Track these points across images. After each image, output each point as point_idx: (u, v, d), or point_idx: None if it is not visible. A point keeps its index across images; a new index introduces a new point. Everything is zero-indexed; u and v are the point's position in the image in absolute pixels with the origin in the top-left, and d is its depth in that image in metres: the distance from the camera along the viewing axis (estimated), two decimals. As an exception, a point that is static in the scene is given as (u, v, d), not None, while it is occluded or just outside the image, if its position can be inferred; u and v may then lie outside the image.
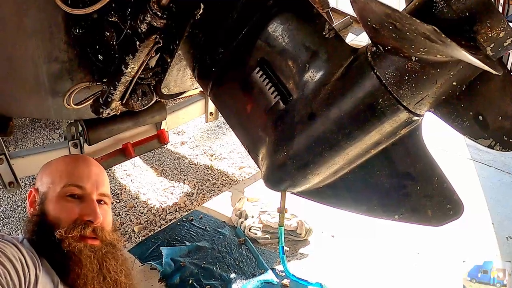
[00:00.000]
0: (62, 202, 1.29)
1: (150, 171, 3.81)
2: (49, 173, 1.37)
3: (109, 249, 1.31)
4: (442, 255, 2.28)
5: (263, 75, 1.22)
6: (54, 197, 1.30)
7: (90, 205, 1.30)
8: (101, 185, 1.38)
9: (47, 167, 1.41)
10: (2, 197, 3.53)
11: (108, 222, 1.38)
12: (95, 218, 1.28)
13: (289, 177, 1.26)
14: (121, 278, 1.30)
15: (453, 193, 1.16)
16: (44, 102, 1.67)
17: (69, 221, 1.25)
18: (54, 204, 1.29)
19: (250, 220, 2.67)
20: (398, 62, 0.93)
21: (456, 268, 2.13)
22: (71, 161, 1.42)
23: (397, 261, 2.33)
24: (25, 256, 1.09)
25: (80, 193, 1.31)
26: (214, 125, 4.47)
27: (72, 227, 1.24)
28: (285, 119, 1.19)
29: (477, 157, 3.36)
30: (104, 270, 1.26)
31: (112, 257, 1.30)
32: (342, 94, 1.04)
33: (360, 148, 1.09)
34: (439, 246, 2.40)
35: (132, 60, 1.38)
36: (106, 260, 1.28)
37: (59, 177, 1.33)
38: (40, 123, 4.49)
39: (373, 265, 2.30)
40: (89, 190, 1.33)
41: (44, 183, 1.34)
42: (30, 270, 1.08)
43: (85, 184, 1.33)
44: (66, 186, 1.30)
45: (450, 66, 0.90)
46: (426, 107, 1.00)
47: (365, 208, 1.26)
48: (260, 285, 2.22)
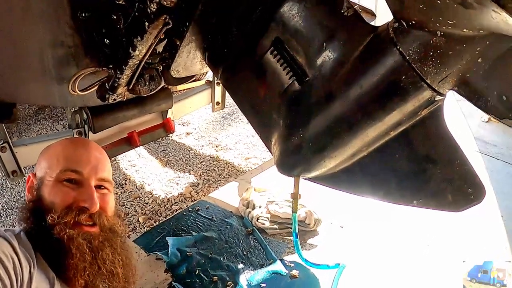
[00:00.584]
0: (58, 186, 1.22)
1: (155, 161, 3.78)
2: (46, 157, 1.30)
3: (108, 236, 1.25)
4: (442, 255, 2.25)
5: (278, 56, 1.19)
6: (50, 181, 1.23)
7: (87, 191, 1.23)
8: (100, 170, 1.30)
9: (45, 151, 1.35)
10: (5, 187, 3.52)
11: (110, 207, 1.32)
12: (91, 205, 1.22)
13: (304, 161, 1.23)
14: (117, 270, 1.24)
15: (475, 177, 1.12)
16: (49, 88, 1.64)
17: (63, 206, 1.19)
18: (50, 189, 1.22)
19: (257, 210, 2.64)
20: (423, 38, 0.89)
21: (456, 268, 2.10)
22: (69, 145, 1.35)
23: (406, 252, 2.30)
24: (19, 253, 1.03)
25: (77, 178, 1.24)
26: (219, 116, 4.44)
27: (65, 212, 1.18)
28: (301, 100, 1.15)
29: (485, 150, 3.33)
30: (99, 260, 1.19)
31: (109, 246, 1.24)
32: (363, 72, 1.00)
33: (380, 129, 1.05)
34: (448, 237, 2.37)
35: (140, 42, 1.34)
36: (102, 249, 1.21)
37: (56, 161, 1.26)
38: (44, 114, 4.47)
39: (381, 257, 2.27)
40: (87, 175, 1.26)
41: (42, 167, 1.28)
42: (23, 268, 1.02)
43: (82, 169, 1.26)
44: (63, 171, 1.24)
45: (476, 41, 0.86)
46: (449, 86, 0.96)
47: (382, 193, 1.23)
48: (268, 276, 2.20)
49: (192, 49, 1.46)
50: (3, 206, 3.31)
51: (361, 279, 2.11)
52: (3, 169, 2.01)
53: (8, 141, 1.96)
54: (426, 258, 2.24)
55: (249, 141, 3.98)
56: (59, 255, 1.14)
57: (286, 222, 2.53)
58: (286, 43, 1.19)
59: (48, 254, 1.15)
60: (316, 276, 2.15)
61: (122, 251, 1.29)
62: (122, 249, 1.30)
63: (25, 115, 4.42)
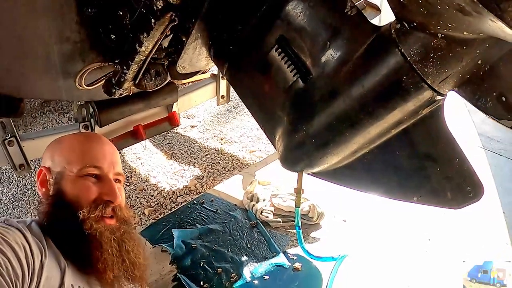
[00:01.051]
0: (81, 181, 1.26)
1: (160, 154, 3.81)
2: (62, 152, 1.33)
3: (126, 228, 1.30)
4: (443, 252, 2.26)
5: (282, 53, 1.20)
6: (71, 177, 1.27)
7: (109, 185, 1.29)
8: (116, 164, 1.36)
9: (57, 145, 1.37)
10: (12, 180, 3.55)
11: (123, 200, 1.37)
12: (115, 198, 1.27)
13: (307, 157, 1.25)
14: (139, 260, 1.30)
15: (474, 175, 1.14)
16: (55, 83, 1.66)
17: (89, 201, 1.23)
18: (73, 184, 1.26)
19: (261, 203, 2.66)
20: (424, 39, 0.91)
21: (456, 268, 2.11)
22: (85, 140, 1.39)
23: (408, 247, 2.32)
24: (30, 242, 1.06)
25: (98, 173, 1.29)
26: (224, 109, 4.45)
27: (94, 207, 1.22)
28: (305, 98, 1.17)
29: (488, 146, 3.32)
30: (124, 252, 1.25)
31: (130, 238, 1.29)
32: (365, 71, 1.01)
33: (381, 127, 1.07)
34: (450, 231, 2.38)
35: (146, 38, 1.35)
36: (125, 241, 1.27)
37: (76, 157, 1.30)
38: (50, 107, 4.49)
39: (383, 251, 2.29)
40: (107, 170, 1.31)
41: (58, 162, 1.31)
42: (35, 256, 1.04)
43: (102, 164, 1.31)
44: (85, 167, 1.27)
45: (476, 44, 0.87)
46: (449, 86, 0.98)
47: (383, 189, 1.25)
48: (271, 268, 2.22)
49: (198, 45, 1.48)
50: (10, 199, 3.35)
51: (361, 273, 2.13)
52: (10, 163, 2.03)
53: (16, 135, 1.98)
54: (427, 254, 2.26)
55: (254, 134, 3.99)
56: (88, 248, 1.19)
57: (290, 216, 2.56)
58: (291, 41, 1.20)
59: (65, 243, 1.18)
60: (319, 269, 2.18)
61: (139, 241, 1.36)
62: (138, 240, 1.37)
63: (31, 108, 4.44)
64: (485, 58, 0.90)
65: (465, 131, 3.46)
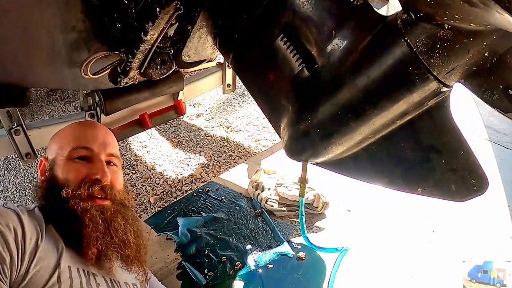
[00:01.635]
0: (69, 164, 1.28)
1: (166, 142, 3.81)
2: (56, 140, 1.37)
3: (119, 208, 1.31)
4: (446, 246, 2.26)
5: (287, 42, 1.20)
6: (62, 160, 1.29)
7: (98, 165, 1.30)
8: (108, 145, 1.37)
9: (55, 135, 1.41)
10: (19, 169, 3.58)
11: (119, 182, 1.38)
12: (102, 176, 1.27)
13: (311, 147, 1.25)
14: (129, 237, 1.29)
15: (479, 168, 1.13)
16: (61, 72, 1.66)
17: (77, 181, 1.25)
18: (62, 167, 1.28)
19: (266, 192, 2.66)
20: (430, 30, 0.90)
21: (456, 268, 2.11)
22: (77, 126, 1.41)
23: (412, 238, 2.32)
24: (24, 225, 1.07)
25: (88, 154, 1.31)
26: (230, 98, 4.44)
27: (78, 186, 1.23)
28: (310, 87, 1.17)
29: (495, 139, 3.29)
30: (112, 230, 1.25)
31: (121, 217, 1.29)
32: (370, 62, 1.01)
33: (386, 117, 1.07)
34: (454, 225, 2.38)
35: (152, 27, 1.35)
36: (114, 220, 1.26)
37: (67, 142, 1.32)
38: (56, 96, 4.50)
39: (387, 241, 2.30)
40: (97, 150, 1.32)
41: (53, 150, 1.35)
42: (27, 239, 1.05)
43: (92, 145, 1.32)
44: (74, 149, 1.30)
45: (483, 36, 0.86)
46: (456, 78, 0.97)
47: (387, 180, 1.24)
48: (275, 257, 2.23)
49: (203, 34, 1.48)
50: (17, 187, 3.37)
51: (365, 263, 2.14)
52: (17, 152, 2.05)
53: (22, 124, 1.99)
54: (431, 245, 2.26)
55: (260, 123, 3.99)
56: (73, 226, 1.19)
57: (294, 205, 2.56)
58: (296, 30, 1.20)
59: (60, 224, 1.20)
60: (323, 259, 2.19)
61: (133, 222, 1.36)
62: (133, 221, 1.36)
63: (37, 97, 4.45)
64: (492, 50, 0.90)
65: (471, 123, 3.44)
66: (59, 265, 1.10)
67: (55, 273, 1.08)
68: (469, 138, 1.09)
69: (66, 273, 1.11)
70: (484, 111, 3.60)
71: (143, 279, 1.42)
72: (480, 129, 3.41)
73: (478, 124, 3.46)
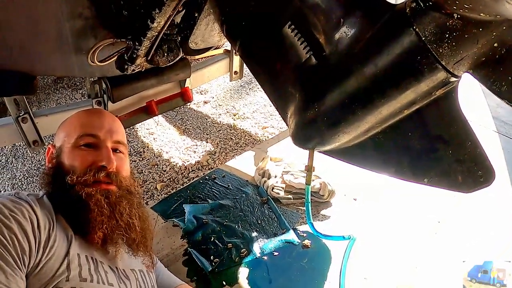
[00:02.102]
0: (76, 151, 1.29)
1: (173, 129, 3.82)
2: (63, 128, 1.38)
3: (124, 193, 1.31)
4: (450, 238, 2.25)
5: (295, 30, 1.19)
6: (68, 148, 1.30)
7: (104, 152, 1.30)
8: (115, 133, 1.37)
9: (62, 123, 1.42)
10: (26, 156, 3.61)
11: (125, 169, 1.38)
12: (108, 163, 1.28)
13: (318, 135, 1.25)
14: (134, 221, 1.30)
15: (485, 160, 1.12)
16: (68, 60, 1.66)
17: (83, 168, 1.26)
18: (68, 154, 1.29)
19: (273, 180, 2.67)
20: (439, 19, 0.88)
21: (456, 268, 2.10)
22: (84, 114, 1.42)
23: (417, 228, 2.31)
24: (38, 215, 1.09)
25: (94, 141, 1.31)
26: (237, 85, 4.43)
27: (84, 172, 1.24)
28: (317, 75, 1.16)
29: (503, 130, 3.26)
30: (117, 214, 1.26)
31: (126, 201, 1.30)
32: (378, 50, 1.00)
33: (393, 107, 1.06)
34: (460, 216, 2.37)
35: (158, 14, 1.35)
36: (119, 204, 1.27)
37: (73, 129, 1.33)
38: (63, 83, 4.51)
39: (393, 231, 2.30)
40: (103, 137, 1.33)
41: (60, 137, 1.36)
42: (41, 229, 1.07)
43: (98, 132, 1.33)
44: (80, 137, 1.30)
45: (493, 26, 0.85)
46: (464, 68, 0.96)
47: (394, 170, 1.24)
48: (281, 245, 2.24)
49: (210, 21, 1.47)
50: (25, 175, 3.40)
51: (370, 252, 2.14)
52: (24, 139, 2.06)
53: (29, 111, 2.00)
54: (436, 236, 2.25)
55: (267, 111, 3.98)
56: (78, 212, 1.20)
57: (301, 193, 2.56)
58: (304, 17, 1.19)
59: (67, 212, 1.21)
60: (328, 247, 2.19)
61: (139, 207, 1.36)
62: (138, 206, 1.37)
63: (44, 84, 4.47)
64: (502, 41, 0.88)
65: (479, 114, 3.41)
66: (68, 253, 1.11)
67: (65, 261, 1.09)
68: (477, 129, 1.08)
69: (75, 261, 1.12)
70: (492, 102, 3.56)
71: (149, 264, 1.43)
72: (487, 120, 3.38)
73: (486, 115, 3.43)
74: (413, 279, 2.02)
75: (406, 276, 2.03)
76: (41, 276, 1.03)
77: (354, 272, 2.02)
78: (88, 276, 1.12)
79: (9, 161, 3.59)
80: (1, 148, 3.70)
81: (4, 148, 3.70)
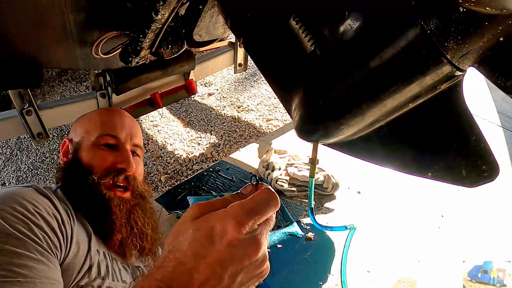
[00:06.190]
0: (96, 150, 1.30)
1: (177, 121, 3.82)
2: (83, 124, 1.38)
3: (139, 201, 1.32)
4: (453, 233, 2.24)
5: (300, 22, 1.18)
6: (88, 145, 1.30)
7: (124, 154, 1.31)
8: (134, 136, 1.39)
9: (81, 118, 1.43)
10: (31, 149, 3.62)
11: (140, 173, 1.39)
12: (128, 166, 1.29)
13: (322, 128, 1.24)
14: (147, 231, 1.31)
15: (490, 154, 1.11)
16: (72, 52, 1.66)
17: (102, 168, 1.26)
18: (88, 152, 1.29)
19: (277, 172, 2.67)
20: (445, 13, 0.88)
21: (456, 268, 2.10)
22: (105, 112, 1.43)
23: (421, 222, 2.31)
24: (60, 210, 1.07)
25: (114, 142, 1.32)
26: (241, 77, 4.43)
27: (105, 174, 1.25)
28: (322, 68, 1.16)
29: (507, 125, 3.25)
30: (132, 221, 1.27)
31: (140, 209, 1.31)
32: (383, 43, 0.99)
33: (398, 100, 1.05)
34: (464, 210, 2.37)
35: (162, 6, 1.34)
36: (134, 212, 1.29)
37: (94, 126, 1.34)
38: (67, 76, 4.51)
39: (396, 224, 2.30)
40: (123, 139, 1.34)
41: (78, 133, 1.36)
42: (66, 224, 1.06)
43: (119, 134, 1.34)
44: (101, 136, 1.31)
45: (499, 20, 0.84)
46: (469, 62, 0.95)
47: (398, 163, 1.23)
48: (284, 237, 2.25)
49: (214, 13, 1.46)
50: (29, 167, 3.42)
51: (374, 245, 2.14)
52: (28, 132, 2.06)
53: (34, 104, 2.00)
54: (439, 230, 2.25)
55: (271, 103, 3.98)
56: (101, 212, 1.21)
57: (304, 185, 2.57)
58: (309, 9, 1.18)
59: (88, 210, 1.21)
60: (331, 240, 2.20)
61: (151, 215, 1.38)
62: (151, 214, 1.38)
63: (49, 77, 4.46)
64: (507, 35, 0.87)
65: (484, 108, 3.39)
66: (90, 248, 1.12)
67: (88, 257, 1.10)
68: (481, 123, 1.07)
69: (96, 257, 1.13)
70: (497, 96, 3.55)
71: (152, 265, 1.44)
72: (492, 114, 3.37)
73: (491, 110, 3.41)
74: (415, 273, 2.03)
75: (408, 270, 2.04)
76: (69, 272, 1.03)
77: (357, 265, 2.02)
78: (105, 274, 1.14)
79: (14, 154, 3.60)
80: (6, 141, 3.71)
81: (9, 140, 3.71)
